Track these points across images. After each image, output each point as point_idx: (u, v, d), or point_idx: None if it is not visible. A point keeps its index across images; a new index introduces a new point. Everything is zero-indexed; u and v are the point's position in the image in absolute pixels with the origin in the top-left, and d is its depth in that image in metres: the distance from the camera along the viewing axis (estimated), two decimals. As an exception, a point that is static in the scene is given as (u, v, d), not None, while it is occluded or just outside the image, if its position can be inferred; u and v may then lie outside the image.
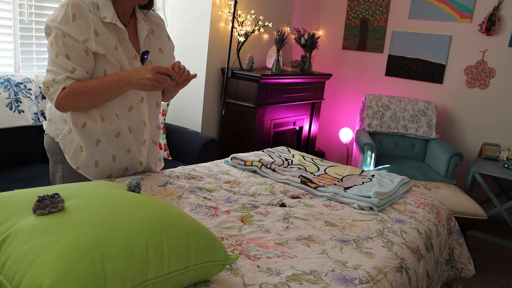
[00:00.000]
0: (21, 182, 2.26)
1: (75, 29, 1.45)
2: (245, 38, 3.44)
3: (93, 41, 1.47)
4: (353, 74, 4.56)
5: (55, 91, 1.47)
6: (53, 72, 1.48)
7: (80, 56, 1.47)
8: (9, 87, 2.44)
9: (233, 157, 2.08)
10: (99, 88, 1.48)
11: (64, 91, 1.47)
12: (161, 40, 1.71)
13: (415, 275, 1.36)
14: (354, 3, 4.43)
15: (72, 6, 1.45)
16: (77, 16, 1.45)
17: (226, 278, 1.10)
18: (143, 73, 1.45)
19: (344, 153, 4.70)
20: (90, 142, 1.59)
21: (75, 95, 1.47)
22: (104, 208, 0.99)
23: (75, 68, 1.47)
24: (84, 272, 0.81)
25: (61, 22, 1.44)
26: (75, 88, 1.47)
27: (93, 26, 1.48)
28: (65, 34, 1.44)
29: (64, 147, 1.62)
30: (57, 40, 1.46)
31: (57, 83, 1.47)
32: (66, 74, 1.46)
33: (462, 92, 3.99)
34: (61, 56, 1.46)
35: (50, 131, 1.65)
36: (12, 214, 0.98)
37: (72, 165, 1.62)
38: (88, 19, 1.47)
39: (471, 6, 3.83)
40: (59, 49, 1.46)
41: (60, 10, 1.46)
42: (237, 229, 1.39)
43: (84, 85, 1.47)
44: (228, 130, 3.50)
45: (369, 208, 1.71)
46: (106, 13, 1.51)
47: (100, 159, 1.62)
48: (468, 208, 2.88)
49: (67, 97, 1.47)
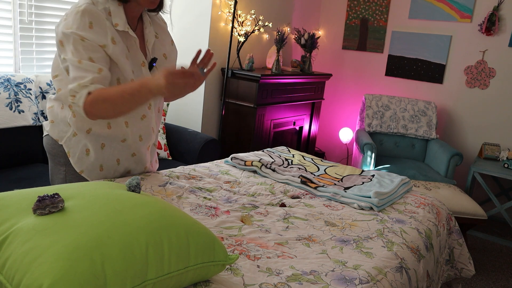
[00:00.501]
0: (21, 182, 2.26)
1: (93, 35, 1.40)
2: (245, 38, 3.44)
3: (111, 48, 1.43)
4: (353, 74, 4.56)
5: (80, 97, 1.39)
6: (79, 78, 1.40)
7: (103, 56, 1.42)
8: (9, 87, 2.44)
9: (233, 157, 2.08)
10: (121, 96, 1.38)
11: (89, 97, 1.38)
12: (164, 45, 1.67)
13: (415, 275, 1.36)
14: (354, 3, 4.43)
15: (88, 13, 1.40)
16: (94, 24, 1.41)
17: (226, 278, 1.10)
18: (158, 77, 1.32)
19: (344, 153, 4.70)
20: (95, 146, 1.58)
21: (98, 102, 1.38)
22: (104, 208, 0.99)
23: (101, 69, 1.41)
24: (84, 272, 0.81)
25: (78, 28, 1.39)
26: (98, 95, 1.38)
27: (110, 33, 1.44)
28: (84, 38, 1.39)
29: (68, 150, 1.59)
30: (76, 46, 1.39)
31: (82, 88, 1.39)
32: (91, 76, 1.39)
33: (462, 92, 3.99)
34: (84, 60, 1.40)
35: (53, 133, 1.61)
36: (12, 214, 0.98)
37: (76, 169, 1.60)
38: (106, 27, 1.43)
39: (471, 6, 3.83)
40: (81, 54, 1.40)
41: (74, 17, 1.40)
42: (237, 229, 1.39)
43: (107, 92, 1.39)
44: (228, 130, 3.50)
45: (369, 208, 1.71)
46: (118, 20, 1.47)
47: (105, 163, 1.61)
48: (468, 208, 2.88)
49: (91, 104, 1.39)
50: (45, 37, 2.76)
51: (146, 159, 1.72)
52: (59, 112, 1.58)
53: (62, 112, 1.58)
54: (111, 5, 1.46)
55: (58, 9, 2.79)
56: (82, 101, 1.38)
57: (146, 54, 1.61)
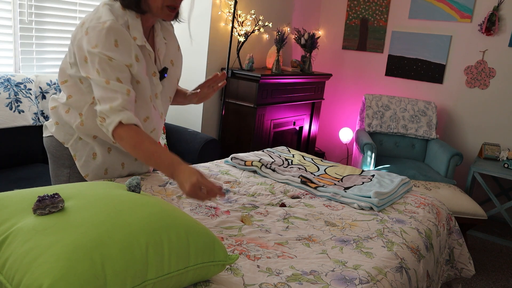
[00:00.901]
0: (21, 182, 2.26)
1: (118, 54, 1.38)
2: (245, 38, 3.44)
3: (135, 66, 1.42)
4: (353, 74, 4.56)
5: (110, 123, 1.38)
6: (108, 99, 1.38)
7: (128, 77, 1.42)
8: (9, 87, 2.45)
9: (233, 157, 2.08)
10: (149, 156, 1.36)
11: (121, 131, 1.38)
12: (172, 50, 1.66)
13: (415, 275, 1.36)
14: (354, 3, 4.43)
15: (114, 32, 1.37)
16: (119, 42, 1.39)
17: (226, 278, 1.10)
18: (187, 184, 1.27)
19: (344, 153, 4.70)
20: (103, 150, 1.58)
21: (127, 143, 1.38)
22: (104, 208, 0.99)
23: (129, 90, 1.40)
24: (84, 272, 0.81)
25: (104, 47, 1.37)
26: (130, 138, 1.38)
27: (134, 51, 1.42)
28: (111, 58, 1.37)
29: (75, 153, 1.58)
30: (103, 66, 1.38)
31: (114, 113, 1.38)
32: (121, 99, 1.38)
33: (462, 92, 3.99)
34: (112, 81, 1.38)
35: (58, 135, 1.59)
36: (12, 214, 0.98)
37: (81, 172, 1.59)
38: (130, 45, 1.41)
39: (471, 6, 3.83)
40: (108, 74, 1.38)
41: (98, 35, 1.37)
42: (237, 229, 1.39)
43: (140, 144, 1.37)
44: (228, 130, 3.50)
45: (369, 208, 1.71)
46: (136, 34, 1.45)
47: (110, 167, 1.61)
48: (468, 208, 2.88)
49: (120, 138, 1.39)
50: (45, 37, 2.76)
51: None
52: (64, 116, 1.57)
53: (67, 116, 1.56)
54: (129, 17, 1.44)
55: (58, 9, 2.79)
56: (112, 128, 1.38)
57: (156, 63, 1.59)
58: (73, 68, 1.49)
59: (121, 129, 1.38)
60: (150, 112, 1.55)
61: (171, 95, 1.69)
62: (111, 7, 1.43)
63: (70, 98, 1.53)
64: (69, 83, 1.53)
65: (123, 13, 1.43)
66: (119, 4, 1.44)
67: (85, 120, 1.53)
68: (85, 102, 1.52)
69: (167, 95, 1.67)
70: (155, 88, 1.57)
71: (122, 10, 1.44)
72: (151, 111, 1.56)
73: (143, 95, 1.50)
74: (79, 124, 1.54)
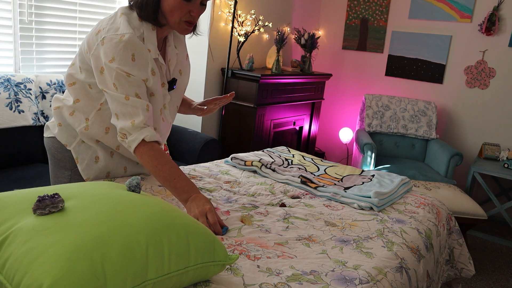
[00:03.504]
0: (21, 182, 2.26)
1: (135, 69, 1.38)
2: (245, 38, 3.44)
3: (151, 80, 1.42)
4: (353, 74, 4.56)
5: (133, 141, 1.39)
6: (129, 115, 1.38)
7: (145, 92, 1.42)
8: (9, 87, 2.45)
9: (233, 157, 2.08)
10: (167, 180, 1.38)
11: (143, 149, 1.39)
12: (181, 60, 1.65)
13: (415, 275, 1.36)
14: (354, 3, 4.43)
15: (131, 46, 1.36)
16: (136, 56, 1.38)
17: (226, 278, 1.10)
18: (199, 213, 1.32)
19: (344, 153, 4.70)
20: (105, 153, 1.58)
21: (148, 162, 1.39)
22: (104, 208, 0.99)
23: (148, 105, 1.41)
24: (84, 272, 0.81)
25: (121, 62, 1.36)
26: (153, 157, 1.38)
27: (151, 65, 1.42)
28: (129, 74, 1.37)
29: (77, 156, 1.57)
30: (121, 82, 1.37)
31: (136, 130, 1.38)
32: (142, 115, 1.38)
33: (462, 92, 3.99)
34: (132, 96, 1.38)
35: (61, 137, 1.58)
36: (12, 214, 0.98)
37: (83, 176, 1.58)
38: (147, 59, 1.41)
39: (471, 6, 3.83)
40: (127, 90, 1.38)
41: (115, 48, 1.36)
42: (237, 229, 1.39)
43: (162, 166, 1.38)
44: (228, 130, 3.50)
45: (369, 208, 1.71)
46: (150, 46, 1.43)
47: (112, 170, 1.61)
48: (468, 208, 2.88)
49: (142, 157, 1.40)
50: (45, 37, 2.76)
51: None
52: (68, 118, 1.55)
53: (71, 118, 1.55)
54: (145, 30, 1.43)
55: (58, 9, 2.79)
56: (135, 146, 1.39)
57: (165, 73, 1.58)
58: (83, 73, 1.48)
59: (144, 147, 1.39)
60: (159, 124, 1.56)
61: (178, 104, 1.70)
62: (129, 18, 1.41)
63: (77, 102, 1.52)
64: (77, 86, 1.52)
65: (139, 24, 1.42)
66: (136, 14, 1.42)
67: (91, 125, 1.53)
68: (93, 108, 1.51)
69: (174, 105, 1.67)
70: (164, 99, 1.57)
71: (139, 21, 1.42)
72: (159, 123, 1.56)
73: (155, 108, 1.50)
74: (84, 128, 1.53)
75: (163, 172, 1.38)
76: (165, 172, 1.38)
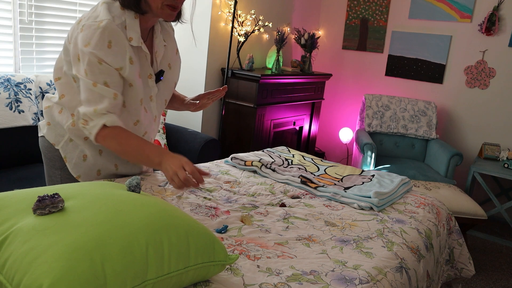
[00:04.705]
0: (21, 182, 2.26)
1: (110, 56, 1.36)
2: (245, 38, 3.44)
3: (127, 69, 1.40)
4: (353, 74, 4.56)
5: (94, 126, 1.38)
6: (93, 102, 1.37)
7: (117, 81, 1.40)
8: (9, 87, 2.45)
9: (233, 157, 2.08)
10: (137, 152, 1.37)
11: (105, 132, 1.38)
12: (170, 53, 1.63)
13: (415, 275, 1.36)
14: (354, 3, 4.43)
15: (109, 32, 1.35)
16: (113, 43, 1.36)
17: (226, 278, 1.10)
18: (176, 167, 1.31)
19: (344, 153, 4.70)
20: (94, 152, 1.56)
21: (112, 141, 1.38)
22: (104, 208, 0.99)
23: (116, 94, 1.39)
24: (84, 272, 0.81)
25: (96, 47, 1.34)
26: (115, 135, 1.38)
27: (129, 53, 1.40)
28: (101, 61, 1.35)
29: (65, 155, 1.56)
30: (92, 68, 1.36)
31: (98, 116, 1.37)
32: (107, 103, 1.37)
33: (462, 92, 3.99)
34: (99, 84, 1.37)
35: (49, 137, 1.57)
36: (12, 214, 0.98)
37: (73, 174, 1.57)
38: (125, 47, 1.39)
39: (471, 6, 3.83)
40: (96, 77, 1.36)
41: (93, 33, 1.34)
42: (237, 229, 1.39)
43: (127, 140, 1.38)
44: (228, 130, 3.50)
45: (369, 208, 1.71)
46: (133, 34, 1.42)
47: (103, 168, 1.59)
48: (468, 208, 2.88)
49: (105, 139, 1.39)
50: (45, 37, 2.76)
51: (142, 166, 1.71)
52: (57, 116, 1.55)
53: (60, 116, 1.54)
54: (127, 18, 1.41)
55: (58, 9, 2.79)
56: (96, 131, 1.38)
57: (152, 65, 1.56)
58: (66, 65, 1.47)
59: (105, 130, 1.38)
60: (140, 115, 1.53)
61: (166, 98, 1.67)
62: (110, 6, 1.40)
63: (63, 97, 1.51)
64: (62, 80, 1.50)
65: (121, 12, 1.41)
66: (118, 3, 1.42)
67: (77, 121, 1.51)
68: (78, 102, 1.49)
69: (162, 98, 1.64)
70: (150, 91, 1.55)
71: (121, 9, 1.41)
72: (141, 114, 1.53)
73: (134, 98, 1.48)
74: (71, 124, 1.52)
75: (131, 146, 1.37)
76: (132, 145, 1.37)
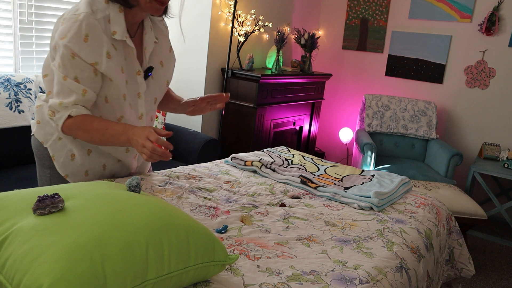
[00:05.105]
0: (21, 182, 2.26)
1: (85, 51, 1.34)
2: (245, 38, 3.44)
3: (104, 64, 1.37)
4: (353, 74, 4.56)
5: (60, 118, 1.39)
6: (61, 96, 1.38)
7: (90, 77, 1.38)
8: (9, 87, 2.45)
9: (233, 157, 2.08)
10: (102, 134, 1.38)
11: (69, 121, 1.39)
12: (163, 51, 1.61)
13: (415, 275, 1.36)
14: (354, 3, 4.43)
15: (86, 25, 1.33)
16: (90, 37, 1.34)
17: (226, 278, 1.10)
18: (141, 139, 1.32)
19: (344, 153, 4.70)
20: (82, 152, 1.54)
21: (78, 129, 1.39)
22: (104, 208, 0.99)
23: (85, 90, 1.38)
24: (84, 272, 0.81)
25: (71, 40, 1.32)
26: (80, 122, 1.39)
27: (106, 47, 1.37)
28: (75, 55, 1.33)
29: (53, 153, 1.54)
30: (64, 62, 1.35)
31: (63, 108, 1.38)
32: (74, 98, 1.37)
33: (462, 92, 3.99)
34: (69, 78, 1.36)
35: (38, 135, 1.56)
36: (12, 214, 0.98)
37: (61, 173, 1.55)
38: (102, 41, 1.36)
39: (471, 6, 3.83)
40: (67, 70, 1.35)
41: (70, 26, 1.33)
42: (237, 229, 1.39)
43: (90, 125, 1.38)
44: (228, 130, 3.50)
45: (369, 208, 1.71)
46: (117, 28, 1.40)
47: (91, 169, 1.57)
48: (468, 208, 2.88)
49: (70, 129, 1.40)
50: (45, 37, 2.76)
51: (132, 166, 1.68)
52: (46, 114, 1.53)
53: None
54: (111, 11, 1.39)
55: (58, 9, 2.79)
56: (61, 122, 1.39)
57: (142, 61, 1.54)
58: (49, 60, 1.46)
59: (69, 120, 1.39)
60: (125, 112, 1.50)
61: (157, 96, 1.63)
62: (92, 0, 1.38)
63: (49, 94, 1.48)
64: (49, 77, 1.48)
65: (105, 6, 1.39)
66: None
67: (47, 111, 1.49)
68: None
69: (152, 96, 1.61)
70: (138, 87, 1.52)
71: (105, 3, 1.39)
72: (125, 111, 1.50)
73: (116, 93, 1.45)
74: None
75: (95, 131, 1.39)
76: (96, 130, 1.38)
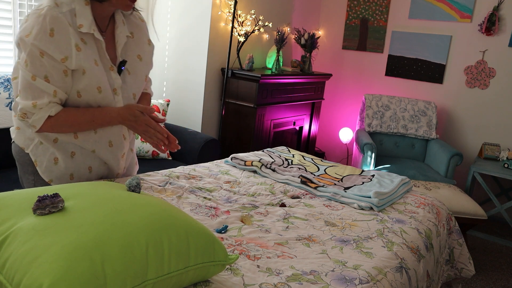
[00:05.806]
0: (21, 182, 2.26)
1: (53, 46, 1.29)
2: (245, 38, 3.44)
3: (74, 58, 1.33)
4: (353, 74, 4.56)
5: (39, 119, 1.34)
6: (32, 96, 1.33)
7: (60, 77, 1.33)
8: (9, 87, 2.45)
9: (233, 157, 2.08)
10: (90, 124, 1.37)
11: (51, 120, 1.35)
12: (140, 45, 1.56)
13: (415, 275, 1.36)
14: (354, 3, 4.43)
15: (50, 18, 1.28)
16: (55, 31, 1.29)
17: (226, 278, 1.10)
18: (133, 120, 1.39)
19: (344, 153, 4.70)
20: (65, 155, 1.47)
21: (62, 126, 1.37)
22: (104, 208, 0.99)
23: (56, 91, 1.34)
24: (84, 272, 0.81)
25: (37, 37, 1.28)
26: (64, 120, 1.36)
27: (74, 40, 1.33)
28: (43, 53, 1.29)
29: (35, 159, 1.48)
30: (33, 60, 1.30)
31: (40, 110, 1.33)
32: (47, 99, 1.33)
33: (462, 92, 3.99)
34: (39, 78, 1.31)
35: (19, 141, 1.50)
36: (12, 214, 0.98)
37: (44, 178, 1.49)
38: (69, 33, 1.32)
39: (471, 6, 3.83)
40: (37, 70, 1.31)
41: (34, 22, 1.29)
42: (237, 229, 1.39)
43: (74, 119, 1.37)
44: (228, 130, 3.50)
45: (369, 208, 1.71)
46: (83, 21, 1.35)
47: (76, 171, 1.51)
48: (468, 208, 2.88)
49: (52, 127, 1.36)
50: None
51: (119, 167, 1.62)
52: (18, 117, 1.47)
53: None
54: (77, 5, 1.35)
55: (58, 9, 2.79)
56: (41, 123, 1.35)
57: (116, 56, 1.50)
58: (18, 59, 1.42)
59: (51, 120, 1.36)
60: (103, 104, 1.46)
61: (135, 91, 1.57)
62: None
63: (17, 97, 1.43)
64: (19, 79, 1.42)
65: (70, 0, 1.35)
66: None
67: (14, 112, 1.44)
68: None
69: (129, 92, 1.55)
70: (114, 83, 1.47)
71: None
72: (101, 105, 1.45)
73: (90, 86, 1.40)
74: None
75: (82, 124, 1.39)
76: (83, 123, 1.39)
